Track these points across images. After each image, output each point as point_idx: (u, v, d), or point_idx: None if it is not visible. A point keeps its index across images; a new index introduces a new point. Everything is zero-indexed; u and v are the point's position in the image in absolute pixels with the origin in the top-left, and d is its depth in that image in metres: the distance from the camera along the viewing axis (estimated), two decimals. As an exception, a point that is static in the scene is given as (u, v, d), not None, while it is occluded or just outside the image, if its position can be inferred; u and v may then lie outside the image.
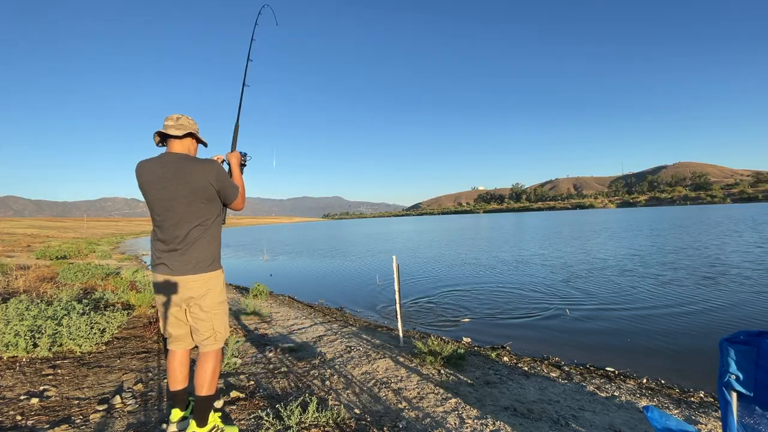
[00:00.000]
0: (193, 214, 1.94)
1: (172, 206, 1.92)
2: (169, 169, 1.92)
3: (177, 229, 1.93)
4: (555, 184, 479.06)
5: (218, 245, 2.09)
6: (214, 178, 1.96)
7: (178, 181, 1.91)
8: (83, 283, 7.26)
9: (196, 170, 1.94)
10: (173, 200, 1.91)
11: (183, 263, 1.93)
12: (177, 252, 1.93)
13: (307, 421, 2.19)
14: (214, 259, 2.04)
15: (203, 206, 1.96)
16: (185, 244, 1.94)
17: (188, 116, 2.06)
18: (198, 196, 1.93)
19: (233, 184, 2.07)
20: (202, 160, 2.02)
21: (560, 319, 5.72)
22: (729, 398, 1.20)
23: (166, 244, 1.95)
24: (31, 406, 2.36)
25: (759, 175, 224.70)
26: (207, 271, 1.99)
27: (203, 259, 1.98)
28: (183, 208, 1.92)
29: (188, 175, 1.92)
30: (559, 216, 78.29)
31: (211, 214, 2.02)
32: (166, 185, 1.91)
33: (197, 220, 1.95)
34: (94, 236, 43.06)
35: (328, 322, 5.51)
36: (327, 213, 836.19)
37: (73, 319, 3.58)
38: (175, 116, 2.02)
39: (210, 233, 2.01)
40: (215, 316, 2.03)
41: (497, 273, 10.23)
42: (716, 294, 6.79)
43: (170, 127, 1.99)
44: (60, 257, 14.05)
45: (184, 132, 2.00)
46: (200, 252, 1.97)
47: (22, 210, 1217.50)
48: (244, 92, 2.45)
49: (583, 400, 2.96)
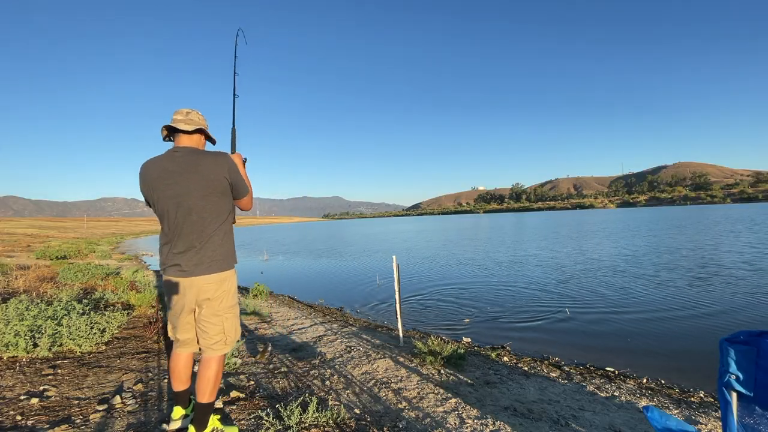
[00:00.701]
0: (206, 209, 1.86)
1: (184, 202, 1.83)
2: (179, 163, 1.84)
3: (190, 226, 1.84)
4: (555, 184, 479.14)
5: (232, 242, 2.02)
6: (227, 170, 1.89)
7: (190, 175, 1.82)
8: (83, 283, 7.26)
9: (208, 162, 1.86)
10: (185, 195, 1.82)
11: (197, 263, 1.84)
12: (191, 251, 1.84)
13: (307, 421, 2.19)
14: (229, 257, 1.97)
15: (217, 200, 1.88)
16: (199, 241, 1.85)
17: (198, 111, 1.99)
18: (212, 189, 1.85)
19: (244, 180, 2.01)
20: (214, 152, 1.95)
21: (560, 319, 5.72)
22: (729, 398, 1.20)
23: (177, 243, 1.85)
24: (31, 406, 2.36)
25: (759, 175, 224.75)
26: (221, 270, 1.91)
27: (218, 257, 1.89)
28: (196, 202, 1.83)
29: (201, 168, 1.84)
30: (559, 216, 78.30)
31: (225, 209, 1.94)
32: (176, 180, 1.83)
33: (211, 215, 1.87)
34: (94, 236, 43.07)
35: (328, 322, 5.51)
36: (327, 213, 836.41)
37: (73, 319, 3.58)
38: (185, 111, 1.94)
39: (224, 229, 1.94)
40: (227, 319, 1.95)
41: (497, 273, 10.23)
42: (716, 294, 6.79)
43: (180, 122, 1.91)
44: (60, 257, 14.05)
45: (194, 128, 1.92)
46: (215, 250, 1.88)
47: (22, 210, 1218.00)
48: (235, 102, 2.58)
49: (583, 400, 2.96)
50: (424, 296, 7.74)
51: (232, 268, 2.00)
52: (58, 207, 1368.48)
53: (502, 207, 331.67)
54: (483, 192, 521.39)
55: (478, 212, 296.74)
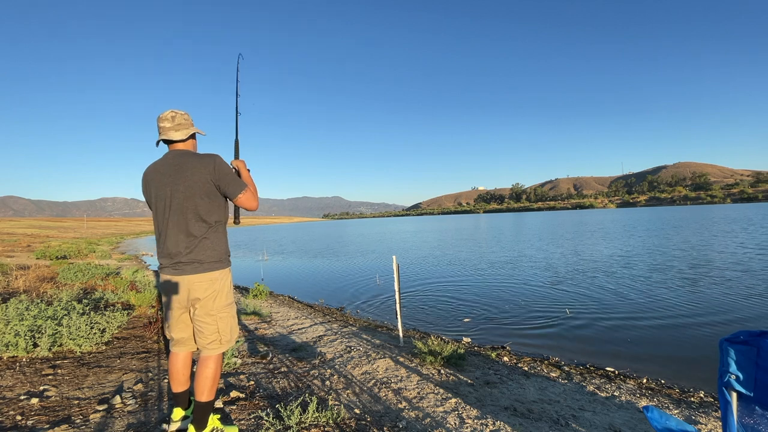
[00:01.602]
0: (191, 209, 1.90)
1: (172, 203, 1.90)
2: (170, 166, 1.93)
3: (177, 227, 1.90)
4: (555, 184, 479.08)
5: (224, 243, 2.03)
6: (210, 171, 1.91)
7: (177, 177, 1.90)
8: (83, 283, 7.26)
9: (193, 164, 1.91)
10: (172, 197, 1.89)
11: (187, 263, 1.89)
12: (180, 252, 1.89)
13: (307, 421, 2.19)
14: (221, 258, 1.99)
15: (204, 202, 1.92)
16: (187, 242, 1.90)
17: (182, 111, 2.02)
18: (196, 190, 1.89)
19: (236, 179, 1.99)
20: (201, 154, 1.98)
21: (560, 319, 5.72)
22: (729, 398, 1.20)
23: (167, 243, 1.91)
24: (31, 406, 2.36)
25: (759, 175, 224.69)
26: (212, 270, 1.94)
27: (208, 258, 1.93)
28: (182, 203, 1.89)
29: (187, 171, 1.90)
30: (559, 216, 78.29)
31: (214, 210, 1.96)
32: (166, 182, 1.91)
33: (198, 216, 1.91)
34: (94, 236, 43.06)
35: (328, 322, 5.51)
36: (327, 213, 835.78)
37: (73, 319, 3.58)
38: (170, 114, 1.97)
39: (215, 230, 1.97)
40: (221, 318, 1.97)
41: (497, 273, 10.23)
42: (717, 294, 6.79)
43: (169, 130, 1.96)
44: (60, 257, 14.04)
45: (187, 135, 2.00)
46: (205, 251, 1.92)
47: (22, 210, 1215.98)
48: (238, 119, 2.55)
49: (583, 400, 2.96)
50: (424, 296, 7.75)
51: (223, 269, 2.01)
52: (58, 207, 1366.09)
53: (502, 207, 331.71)
54: (483, 192, 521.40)
55: (478, 212, 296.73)
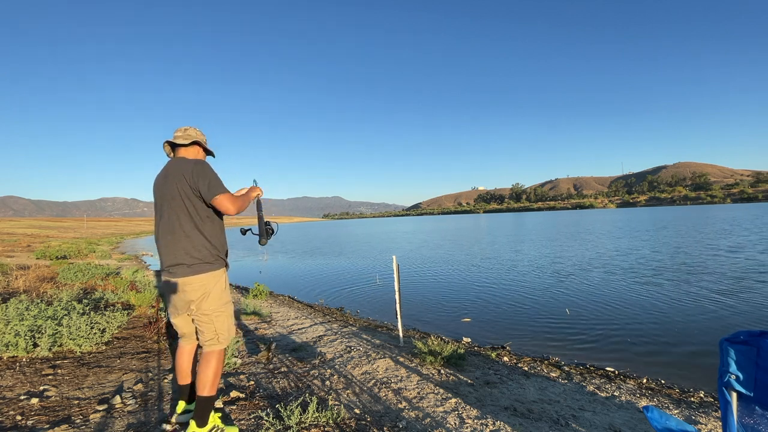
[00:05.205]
0: (177, 213, 1.96)
1: (162, 208, 2.00)
2: (165, 171, 2.03)
3: (168, 231, 1.97)
4: (555, 184, 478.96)
5: (218, 244, 2.05)
6: (189, 174, 1.93)
7: (166, 182, 1.99)
8: (83, 283, 7.26)
9: (178, 167, 1.99)
10: (163, 200, 1.99)
11: (177, 265, 1.95)
12: (171, 255, 1.96)
13: (307, 421, 2.19)
14: (213, 260, 2.01)
15: (187, 204, 1.95)
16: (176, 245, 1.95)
17: (196, 128, 2.17)
18: (181, 194, 1.96)
19: (214, 183, 1.95)
20: (187, 159, 2.05)
21: (560, 319, 5.72)
22: (729, 398, 1.20)
23: (161, 247, 2.00)
24: (31, 406, 2.36)
25: (759, 175, 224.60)
26: (203, 272, 1.96)
27: (198, 259, 1.96)
28: (170, 205, 1.97)
29: (173, 176, 1.98)
30: (559, 216, 78.27)
31: (200, 212, 1.98)
32: (160, 186, 2.02)
33: (185, 219, 1.95)
34: (94, 236, 43.04)
35: (328, 322, 5.51)
36: (327, 213, 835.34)
37: (73, 319, 3.58)
38: (184, 128, 2.13)
39: (205, 232, 1.99)
40: (217, 318, 2.01)
41: (497, 273, 10.23)
42: (716, 294, 6.79)
43: (178, 138, 2.10)
44: (60, 257, 14.04)
45: (190, 141, 2.10)
46: (194, 253, 1.95)
47: (22, 210, 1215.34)
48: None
49: (583, 400, 2.96)
50: (425, 296, 7.75)
51: (215, 270, 2.02)
52: (58, 207, 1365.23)
53: (502, 207, 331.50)
54: (483, 192, 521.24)
55: (478, 212, 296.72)
